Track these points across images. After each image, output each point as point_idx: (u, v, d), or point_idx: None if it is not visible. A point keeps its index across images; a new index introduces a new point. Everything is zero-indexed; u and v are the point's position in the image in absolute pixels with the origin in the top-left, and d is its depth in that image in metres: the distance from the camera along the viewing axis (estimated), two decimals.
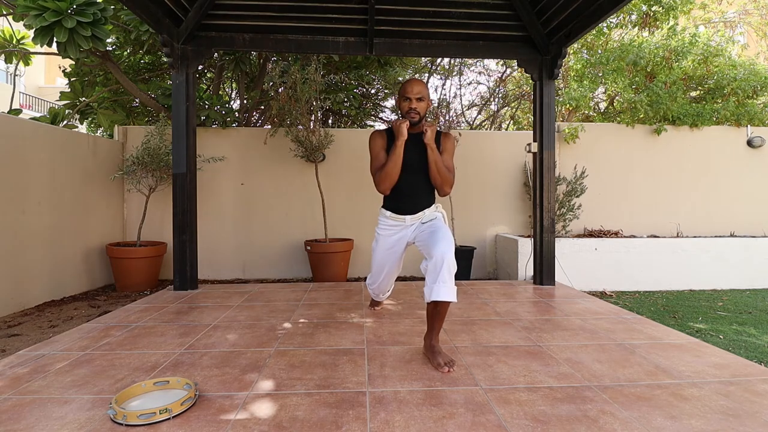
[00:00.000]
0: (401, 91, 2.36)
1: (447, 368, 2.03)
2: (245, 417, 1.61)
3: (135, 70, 5.88)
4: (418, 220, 2.42)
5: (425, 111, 2.35)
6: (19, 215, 3.61)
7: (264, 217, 5.18)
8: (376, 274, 2.66)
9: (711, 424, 1.57)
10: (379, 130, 2.48)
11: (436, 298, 2.03)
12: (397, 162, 2.28)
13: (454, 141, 2.46)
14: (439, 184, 2.34)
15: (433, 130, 2.27)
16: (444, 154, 2.39)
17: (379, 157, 2.38)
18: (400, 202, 2.43)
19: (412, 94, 2.31)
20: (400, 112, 2.38)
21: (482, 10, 3.85)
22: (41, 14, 3.71)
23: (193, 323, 2.80)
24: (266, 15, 3.79)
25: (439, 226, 2.28)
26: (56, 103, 10.14)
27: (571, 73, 6.43)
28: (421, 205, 2.42)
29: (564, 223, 5.20)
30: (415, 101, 2.31)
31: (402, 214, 2.43)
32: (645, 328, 2.73)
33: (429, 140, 2.25)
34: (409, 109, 2.31)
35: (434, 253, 2.07)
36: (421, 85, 2.34)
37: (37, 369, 2.04)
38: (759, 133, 5.61)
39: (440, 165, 2.30)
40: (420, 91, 2.32)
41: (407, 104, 2.32)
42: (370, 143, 2.42)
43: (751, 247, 4.84)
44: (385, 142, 2.40)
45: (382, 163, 2.35)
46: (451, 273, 2.05)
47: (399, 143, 2.26)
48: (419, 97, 2.31)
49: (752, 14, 8.29)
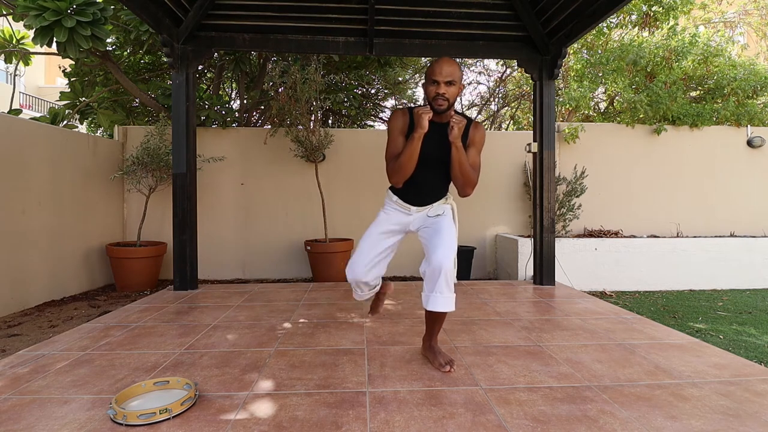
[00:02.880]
0: (428, 71, 1.98)
1: (448, 368, 2.02)
2: (245, 417, 1.61)
3: (135, 70, 5.88)
4: (425, 212, 2.18)
5: (455, 97, 1.98)
6: (19, 215, 3.61)
7: (264, 217, 5.18)
8: (357, 258, 2.18)
9: (711, 424, 1.57)
10: (401, 108, 2.15)
11: (433, 309, 1.96)
12: (413, 156, 1.97)
13: (485, 133, 2.15)
14: (461, 185, 2.05)
15: (462, 126, 1.95)
16: (471, 149, 2.08)
17: (397, 142, 2.06)
18: (411, 194, 2.17)
19: (441, 77, 1.92)
20: (426, 98, 2.03)
21: (482, 10, 3.85)
22: (41, 14, 3.71)
23: (193, 323, 2.79)
24: (266, 15, 3.79)
25: (444, 225, 2.08)
26: (56, 103, 10.13)
27: (571, 73, 6.43)
28: (432, 200, 2.18)
29: (564, 223, 5.20)
30: (444, 85, 1.93)
31: (409, 204, 2.18)
32: (645, 328, 2.73)
33: (455, 139, 1.94)
34: (436, 94, 1.94)
35: (433, 259, 1.94)
36: (454, 65, 1.94)
37: (37, 369, 2.04)
38: (759, 133, 5.61)
39: (465, 166, 2.00)
40: (451, 72, 1.93)
41: (434, 88, 1.94)
42: (389, 124, 2.09)
43: (751, 247, 4.84)
44: (405, 126, 2.06)
45: (397, 151, 2.04)
46: (449, 283, 1.93)
47: (417, 135, 1.94)
48: (449, 80, 1.93)
49: (752, 14, 8.29)
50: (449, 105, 1.97)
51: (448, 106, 1.97)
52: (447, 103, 1.96)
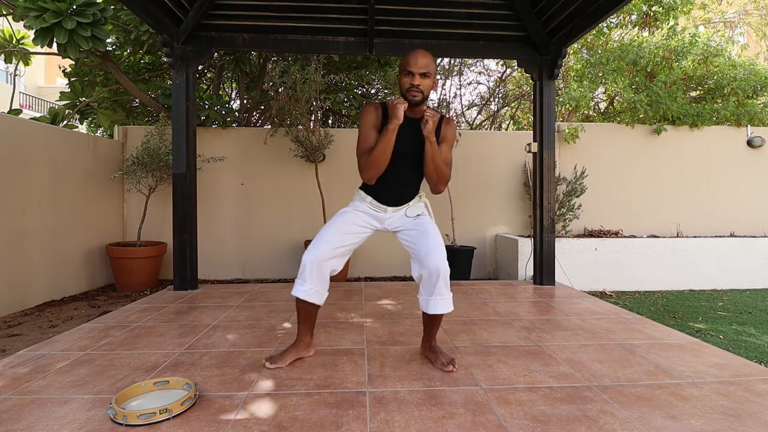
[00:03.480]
0: (403, 63, 1.96)
1: (451, 367, 2.03)
2: (245, 417, 1.61)
3: (135, 70, 5.88)
4: (402, 211, 2.13)
5: (429, 90, 1.97)
6: (19, 215, 3.61)
7: (264, 217, 5.18)
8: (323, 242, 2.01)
9: (711, 424, 1.57)
10: (374, 103, 2.10)
11: (434, 312, 1.99)
12: (387, 149, 1.93)
13: (456, 129, 2.11)
14: (434, 181, 2.02)
15: (435, 120, 1.92)
16: (443, 144, 2.05)
17: (369, 137, 2.00)
18: (384, 193, 2.09)
19: (416, 68, 1.91)
20: (401, 90, 1.99)
21: (482, 10, 3.85)
22: (41, 15, 3.71)
23: (193, 323, 2.80)
24: (266, 15, 3.79)
25: (429, 227, 2.06)
26: (56, 103, 10.13)
27: (571, 73, 6.43)
28: (407, 198, 2.13)
29: (564, 223, 5.20)
30: (419, 77, 1.91)
31: (384, 204, 2.10)
32: (645, 328, 2.73)
33: (429, 133, 1.91)
34: (410, 86, 1.93)
35: (429, 264, 1.93)
36: (428, 57, 1.93)
37: (37, 369, 2.04)
38: (759, 133, 5.61)
39: (438, 161, 1.97)
40: (426, 64, 1.91)
41: (409, 80, 1.93)
42: (361, 118, 2.03)
43: (751, 247, 4.84)
44: (378, 120, 2.02)
45: (370, 146, 1.98)
46: (447, 284, 1.97)
47: (392, 127, 1.89)
48: (424, 72, 1.91)
49: (752, 14, 8.29)
50: (423, 98, 1.95)
51: (422, 99, 1.95)
52: (421, 95, 1.93)
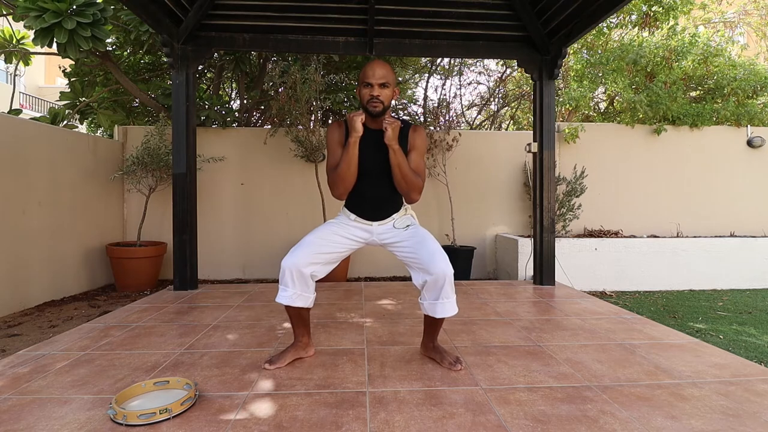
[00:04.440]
0: (361, 75, 1.95)
1: (459, 365, 2.04)
2: (245, 417, 1.61)
3: (135, 70, 5.88)
4: (389, 224, 2.10)
5: (390, 100, 1.96)
6: (20, 215, 3.61)
7: (264, 217, 5.18)
8: (304, 249, 1.96)
9: (711, 424, 1.57)
10: (338, 121, 2.13)
11: (442, 316, 1.98)
12: (351, 163, 1.92)
13: (426, 136, 2.07)
14: (405, 190, 1.98)
15: (396, 127, 1.89)
16: (412, 153, 2.01)
17: (335, 154, 2.00)
18: (365, 210, 2.08)
19: (374, 79, 1.91)
20: (361, 102, 1.98)
21: (482, 10, 3.85)
22: (41, 15, 3.71)
23: (193, 323, 2.80)
24: (266, 15, 3.79)
25: (424, 234, 2.03)
26: (56, 103, 10.12)
27: (571, 73, 6.43)
28: (389, 212, 2.09)
29: (564, 223, 5.20)
30: (378, 87, 1.91)
31: (369, 220, 2.08)
32: (645, 328, 2.73)
33: (389, 140, 1.89)
34: (370, 97, 1.92)
35: (434, 269, 1.90)
36: (386, 68, 1.93)
37: (37, 369, 2.04)
38: (759, 133, 5.61)
39: (405, 169, 1.92)
40: (384, 75, 1.91)
41: (368, 91, 1.92)
42: (327, 137, 2.05)
43: (751, 247, 4.84)
44: (342, 136, 2.02)
45: (336, 162, 1.98)
46: (453, 287, 1.96)
47: (352, 141, 1.89)
48: (383, 82, 1.91)
49: (752, 14, 8.29)
50: (384, 108, 1.94)
51: (383, 109, 1.94)
52: (382, 106, 1.93)
